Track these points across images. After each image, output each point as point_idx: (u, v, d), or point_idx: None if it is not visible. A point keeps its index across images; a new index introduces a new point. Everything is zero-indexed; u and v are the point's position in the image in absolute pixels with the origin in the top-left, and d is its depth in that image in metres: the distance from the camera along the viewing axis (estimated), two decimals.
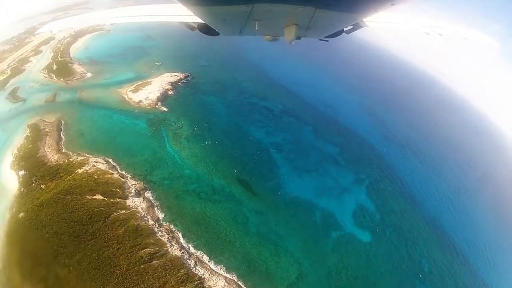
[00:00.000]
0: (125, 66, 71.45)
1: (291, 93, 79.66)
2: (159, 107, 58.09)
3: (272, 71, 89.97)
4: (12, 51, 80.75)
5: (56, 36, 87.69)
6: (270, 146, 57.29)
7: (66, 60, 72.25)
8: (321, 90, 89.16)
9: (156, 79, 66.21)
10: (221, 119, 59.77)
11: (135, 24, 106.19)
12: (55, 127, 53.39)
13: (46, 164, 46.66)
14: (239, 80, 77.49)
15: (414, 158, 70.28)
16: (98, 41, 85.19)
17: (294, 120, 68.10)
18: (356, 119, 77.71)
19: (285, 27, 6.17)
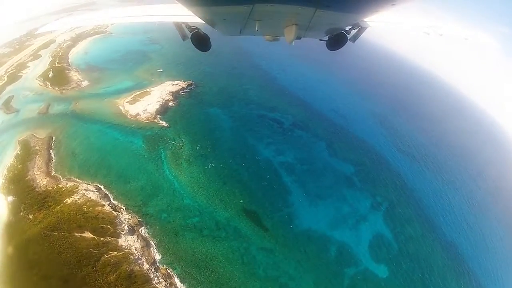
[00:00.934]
0: (124, 73, 63.50)
1: (301, 101, 70.49)
2: (158, 121, 50.11)
3: (280, 76, 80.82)
4: (11, 55, 74.29)
5: (56, 39, 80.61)
6: (280, 167, 49.05)
7: (64, 66, 65.06)
8: (331, 97, 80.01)
9: (157, 88, 58.18)
10: (226, 135, 51.49)
11: (138, 27, 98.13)
12: (45, 144, 46.83)
13: (35, 189, 40.47)
14: (245, 87, 68.67)
15: (429, 173, 62.60)
16: (98, 45, 77.36)
17: (305, 134, 59.39)
18: (369, 130, 69.26)
19: (285, 27, 5.89)
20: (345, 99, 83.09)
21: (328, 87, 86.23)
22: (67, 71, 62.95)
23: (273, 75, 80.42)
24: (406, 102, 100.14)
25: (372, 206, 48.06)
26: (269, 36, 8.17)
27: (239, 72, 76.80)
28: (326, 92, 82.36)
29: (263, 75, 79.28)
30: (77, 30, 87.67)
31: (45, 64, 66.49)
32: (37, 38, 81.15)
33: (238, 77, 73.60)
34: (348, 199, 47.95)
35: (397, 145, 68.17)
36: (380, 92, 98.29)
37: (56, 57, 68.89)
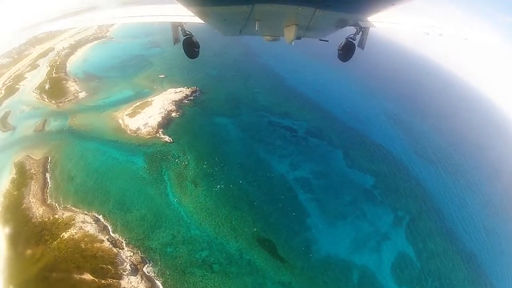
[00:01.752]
0: (124, 81, 57.29)
1: (313, 104, 63.10)
2: (160, 136, 43.90)
3: (289, 77, 72.95)
4: (9, 65, 69.35)
5: (55, 47, 74.84)
6: (296, 184, 42.54)
7: (61, 76, 59.38)
8: (343, 97, 72.42)
9: (158, 97, 51.78)
10: (235, 148, 44.95)
11: (139, 30, 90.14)
12: (41, 167, 41.92)
13: (31, 220, 36.28)
14: (254, 91, 61.46)
15: (447, 178, 57.32)
16: (98, 51, 70.99)
17: (321, 142, 52.27)
18: (384, 132, 62.86)
19: (285, 27, 5.68)
20: (358, 98, 75.63)
21: (340, 86, 78.36)
22: (64, 81, 57.44)
23: (282, 76, 72.73)
24: (417, 98, 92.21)
25: (393, 222, 42.78)
26: (269, 36, 7.87)
27: (247, 74, 69.38)
28: (338, 92, 74.58)
29: (271, 76, 71.68)
30: (76, 36, 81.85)
31: (43, 75, 61.08)
32: (35, 47, 75.80)
33: (245, 79, 66.38)
34: (368, 216, 42.18)
35: (413, 148, 62.17)
36: (391, 88, 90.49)
37: (54, 67, 63.34)
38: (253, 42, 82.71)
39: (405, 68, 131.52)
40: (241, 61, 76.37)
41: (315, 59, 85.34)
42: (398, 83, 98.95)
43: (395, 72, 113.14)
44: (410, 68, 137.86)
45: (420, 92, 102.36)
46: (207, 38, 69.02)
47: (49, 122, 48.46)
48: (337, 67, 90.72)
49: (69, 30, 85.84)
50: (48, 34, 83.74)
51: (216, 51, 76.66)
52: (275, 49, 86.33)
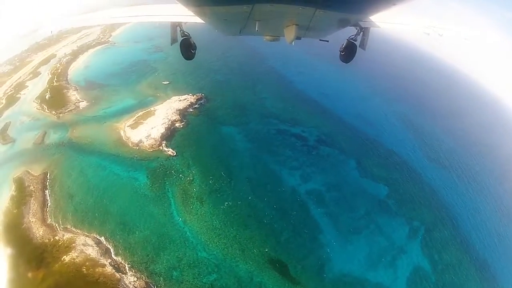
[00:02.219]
0: (126, 89, 54.49)
1: (323, 109, 59.73)
2: (164, 149, 41.10)
3: (297, 80, 69.48)
4: (11, 73, 67.32)
5: (57, 53, 72.52)
6: (308, 198, 39.54)
7: (62, 84, 56.90)
8: (353, 100, 68.97)
9: (162, 106, 48.90)
10: (243, 161, 41.92)
11: (142, 34, 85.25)
12: (40, 183, 39.55)
13: (32, 241, 34.25)
14: (262, 97, 58.23)
15: (459, 183, 54.07)
16: (100, 57, 68.10)
17: (332, 151, 49.10)
18: (396, 136, 60.03)
19: (285, 27, 5.54)
20: (367, 100, 72.30)
21: (348, 88, 74.79)
22: (65, 90, 55.04)
23: (290, 79, 69.30)
24: (424, 98, 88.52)
25: (408, 234, 40.50)
26: (269, 36, 7.71)
27: (254, 79, 65.88)
28: (346, 94, 70.98)
29: (279, 80, 68.25)
30: (78, 42, 79.34)
31: (44, 83, 58.79)
32: (37, 54, 73.54)
33: (252, 84, 62.94)
34: (383, 229, 39.57)
35: (425, 152, 59.53)
36: (398, 88, 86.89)
37: (55, 74, 60.99)
38: (258, 44, 79.44)
39: (411, 67, 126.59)
40: (247, 64, 72.92)
41: (321, 60, 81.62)
42: (405, 82, 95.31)
43: (402, 71, 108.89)
44: (416, 67, 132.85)
45: (427, 91, 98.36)
46: (211, 41, 65.37)
47: (49, 135, 46.15)
48: (344, 68, 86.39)
49: (71, 35, 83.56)
50: (51, 40, 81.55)
51: (221, 55, 73.61)
52: (281, 51, 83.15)
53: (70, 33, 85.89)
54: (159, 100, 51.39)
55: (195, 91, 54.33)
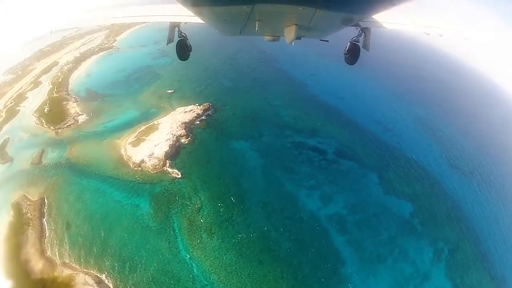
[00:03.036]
0: (128, 100, 49.21)
1: (340, 116, 52.97)
2: (168, 170, 35.71)
3: (310, 83, 62.36)
4: (13, 83, 63.32)
5: (60, 60, 67.98)
6: (329, 224, 33.65)
7: (62, 96, 52.21)
8: (370, 105, 62.14)
9: (166, 119, 43.31)
10: (256, 182, 36.04)
11: (147, 37, 76.82)
12: (37, 210, 35.08)
13: (30, 275, 31.04)
14: (274, 104, 51.76)
15: (480, 192, 48.42)
16: (102, 64, 63.05)
17: (353, 165, 42.86)
18: (416, 144, 53.66)
19: (285, 27, 5.38)
20: (383, 103, 65.09)
21: (363, 91, 67.40)
22: (65, 102, 50.39)
23: (302, 83, 62.32)
24: (441, 98, 79.13)
25: (433, 256, 36.39)
26: (269, 36, 7.43)
27: (264, 83, 59.46)
28: (362, 97, 63.88)
29: (290, 83, 61.40)
30: (82, 48, 74.52)
31: (44, 94, 54.34)
32: (40, 61, 69.37)
33: (263, 90, 56.59)
34: (408, 253, 34.69)
35: (446, 159, 53.41)
36: (414, 89, 78.42)
37: (55, 84, 56.48)
38: (266, 46, 73.14)
39: (426, 67, 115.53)
40: (256, 67, 66.35)
41: (331, 60, 73.69)
42: (420, 83, 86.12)
43: (416, 70, 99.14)
44: (432, 66, 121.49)
45: (443, 91, 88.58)
46: (218, 44, 59.09)
47: (46, 153, 41.67)
48: (357, 69, 79.40)
49: (75, 41, 79.10)
50: (54, 47, 77.46)
51: (228, 58, 67.34)
52: (289, 51, 76.45)
53: (74, 39, 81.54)
54: (163, 111, 45.81)
55: (201, 100, 48.46)
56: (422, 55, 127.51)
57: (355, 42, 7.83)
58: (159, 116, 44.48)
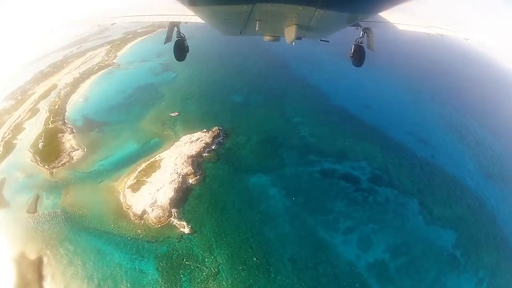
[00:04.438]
0: (127, 128, 41.41)
1: (369, 130, 44.10)
2: (175, 222, 27.89)
3: (331, 92, 52.57)
4: (12, 110, 56.87)
5: (58, 83, 61.21)
6: (370, 275, 26.67)
7: (57, 126, 44.88)
8: (398, 111, 53.15)
9: (169, 152, 35.25)
10: (283, 232, 27.80)
11: (149, 50, 64.64)
12: (36, 272, 28.69)
13: None
14: (294, 122, 42.64)
15: None
16: (102, 85, 55.23)
17: (391, 193, 34.63)
18: (452, 155, 45.75)
19: (285, 27, 5.19)
20: (411, 108, 55.94)
21: (388, 95, 58.39)
22: (61, 134, 43.44)
23: (321, 91, 52.55)
24: (467, 96, 67.74)
25: None
26: (269, 36, 7.12)
27: (279, 95, 49.94)
28: (388, 103, 54.80)
29: (308, 92, 51.73)
30: (82, 66, 66.71)
31: (40, 124, 47.54)
32: (40, 84, 62.35)
33: (279, 104, 47.27)
34: None
35: (481, 167, 45.89)
36: (435, 87, 67.23)
37: (52, 112, 49.50)
38: (273, 48, 63.32)
39: (446, 62, 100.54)
40: (269, 76, 56.68)
41: (346, 59, 63.40)
42: (440, 79, 73.79)
43: (435, 65, 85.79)
44: (454, 62, 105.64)
45: (464, 87, 75.03)
46: (224, 54, 46.82)
47: (41, 200, 34.96)
48: (376, 69, 67.06)
49: (76, 59, 71.82)
50: (55, 67, 70.55)
51: (235, 66, 58.03)
52: (300, 52, 66.44)
53: (75, 57, 74.23)
54: (166, 141, 37.67)
55: (210, 124, 39.90)
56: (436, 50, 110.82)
57: (359, 43, 7.57)
58: (161, 148, 36.45)
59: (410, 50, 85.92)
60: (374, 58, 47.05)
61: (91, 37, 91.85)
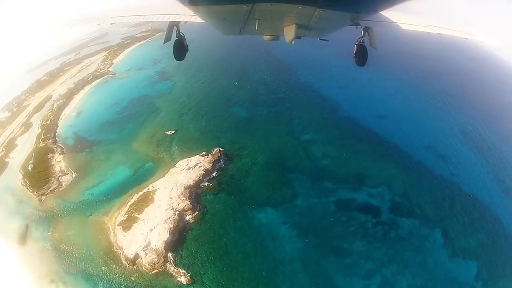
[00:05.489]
0: (119, 150, 36.43)
1: (388, 146, 38.81)
2: (171, 270, 23.49)
3: (342, 102, 46.53)
4: (6, 124, 52.01)
5: (53, 94, 56.30)
6: None
7: (48, 145, 40.04)
8: (414, 122, 47.02)
9: (164, 182, 30.26)
10: (296, 281, 23.07)
11: (146, 57, 57.43)
12: None
13: None
14: (304, 140, 37.11)
15: None
16: (95, 96, 50.30)
17: (413, 224, 30.10)
18: (472, 170, 40.63)
19: (285, 26, 4.98)
20: (428, 118, 49.62)
21: (403, 103, 52.06)
22: (51, 154, 38.80)
23: (331, 99, 46.49)
24: (475, 97, 60.82)
25: None
26: (268, 36, 6.87)
27: (287, 107, 43.78)
28: (404, 113, 48.59)
29: (317, 102, 45.60)
30: (78, 75, 61.25)
31: (32, 141, 42.95)
32: (35, 95, 57.97)
33: (288, 117, 41.42)
34: None
35: (498, 181, 40.83)
36: (447, 88, 60.76)
37: (44, 127, 44.74)
38: (278, 52, 57.13)
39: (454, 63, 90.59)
40: (273, 84, 50.35)
41: (356, 66, 55.96)
42: (452, 82, 66.76)
43: (445, 66, 77.48)
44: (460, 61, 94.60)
45: (476, 90, 67.05)
46: (226, 62, 42.60)
47: (31, 231, 30.75)
48: (383, 72, 59.22)
49: (72, 67, 66.55)
50: (51, 76, 65.54)
51: (237, 74, 52.06)
52: (305, 57, 59.62)
53: (72, 65, 68.90)
54: (161, 167, 32.67)
55: (209, 145, 34.64)
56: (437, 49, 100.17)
57: (361, 43, 7.48)
58: (155, 175, 31.57)
59: (412, 49, 78.12)
60: (380, 59, 39.24)
61: (90, 42, 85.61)
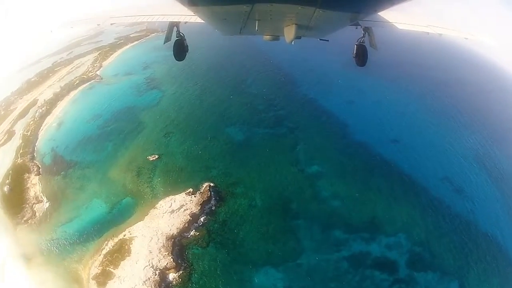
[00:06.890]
0: (95, 178, 30.38)
1: (405, 181, 32.49)
2: None
3: (352, 121, 39.90)
4: None
5: (40, 97, 50.13)
6: None
7: (25, 162, 34.78)
8: (431, 146, 40.43)
9: (143, 228, 24.51)
10: None
11: (136, 61, 49.77)
12: None
13: None
14: (310, 173, 30.66)
15: None
16: (79, 105, 44.03)
17: (431, 277, 24.59)
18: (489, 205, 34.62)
19: (285, 26, 4.85)
20: (440, 141, 42.65)
21: (416, 120, 45.27)
22: (27, 174, 33.13)
23: (340, 119, 39.56)
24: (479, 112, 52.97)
25: None
26: (268, 36, 6.65)
27: (289, 128, 36.87)
28: (416, 137, 41.90)
29: (324, 121, 38.74)
30: (66, 77, 54.25)
31: (12, 155, 37.27)
32: (23, 97, 52.26)
33: (290, 141, 34.67)
34: None
35: None
36: (453, 102, 53.77)
37: (24, 139, 39.32)
38: (278, 58, 48.90)
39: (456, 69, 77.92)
40: (273, 98, 42.68)
41: (365, 73, 46.79)
42: (457, 94, 58.82)
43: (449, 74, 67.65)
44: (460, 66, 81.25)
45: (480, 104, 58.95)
46: (219, 63, 35.88)
47: (8, 269, 27.15)
48: (392, 81, 52.39)
49: (62, 68, 59.38)
50: (41, 76, 58.73)
51: (234, 85, 45.26)
52: (307, 66, 51.34)
53: (62, 65, 62.13)
54: (140, 204, 26.89)
55: (198, 177, 28.40)
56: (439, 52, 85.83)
57: (361, 43, 7.25)
58: (133, 215, 25.90)
59: (413, 50, 69.32)
60: (381, 62, 26.84)
61: (84, 41, 77.38)
